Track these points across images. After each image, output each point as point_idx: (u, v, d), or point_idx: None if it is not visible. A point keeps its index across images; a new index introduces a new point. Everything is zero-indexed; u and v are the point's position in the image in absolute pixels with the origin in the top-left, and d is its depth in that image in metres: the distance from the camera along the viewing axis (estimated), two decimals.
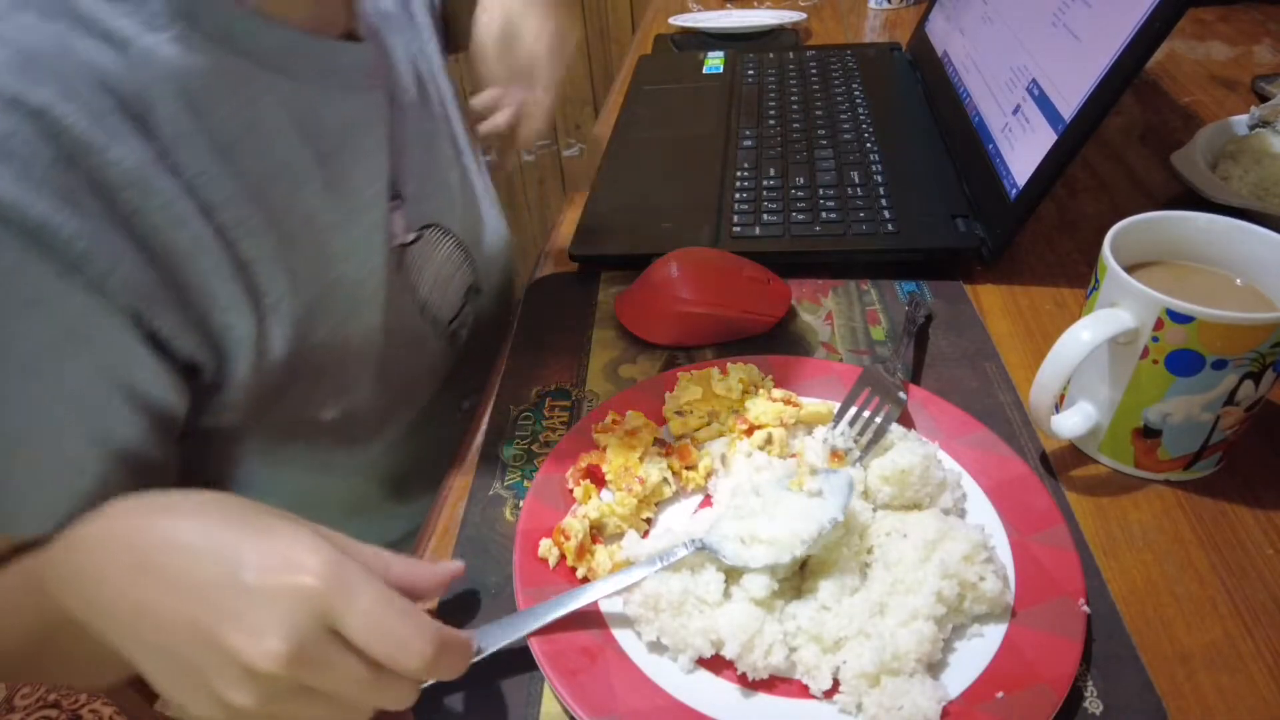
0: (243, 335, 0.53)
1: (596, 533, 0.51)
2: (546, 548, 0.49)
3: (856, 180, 0.82)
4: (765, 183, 0.83)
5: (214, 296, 0.50)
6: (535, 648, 0.44)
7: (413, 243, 0.67)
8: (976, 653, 0.44)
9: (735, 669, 0.43)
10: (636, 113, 1.02)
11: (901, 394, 0.57)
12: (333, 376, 0.61)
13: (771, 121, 0.96)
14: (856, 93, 1.00)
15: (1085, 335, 0.49)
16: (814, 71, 1.07)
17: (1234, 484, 0.53)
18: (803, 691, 0.43)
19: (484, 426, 0.61)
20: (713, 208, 0.80)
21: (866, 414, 0.55)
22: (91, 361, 0.46)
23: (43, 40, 0.43)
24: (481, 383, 0.68)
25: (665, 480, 0.53)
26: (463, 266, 0.74)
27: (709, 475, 0.54)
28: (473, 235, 0.76)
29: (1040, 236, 0.77)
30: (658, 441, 0.56)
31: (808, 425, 0.57)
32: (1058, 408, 0.56)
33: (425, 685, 0.40)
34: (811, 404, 0.58)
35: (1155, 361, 0.49)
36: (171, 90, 0.47)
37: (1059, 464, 0.55)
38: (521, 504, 0.52)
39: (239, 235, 0.51)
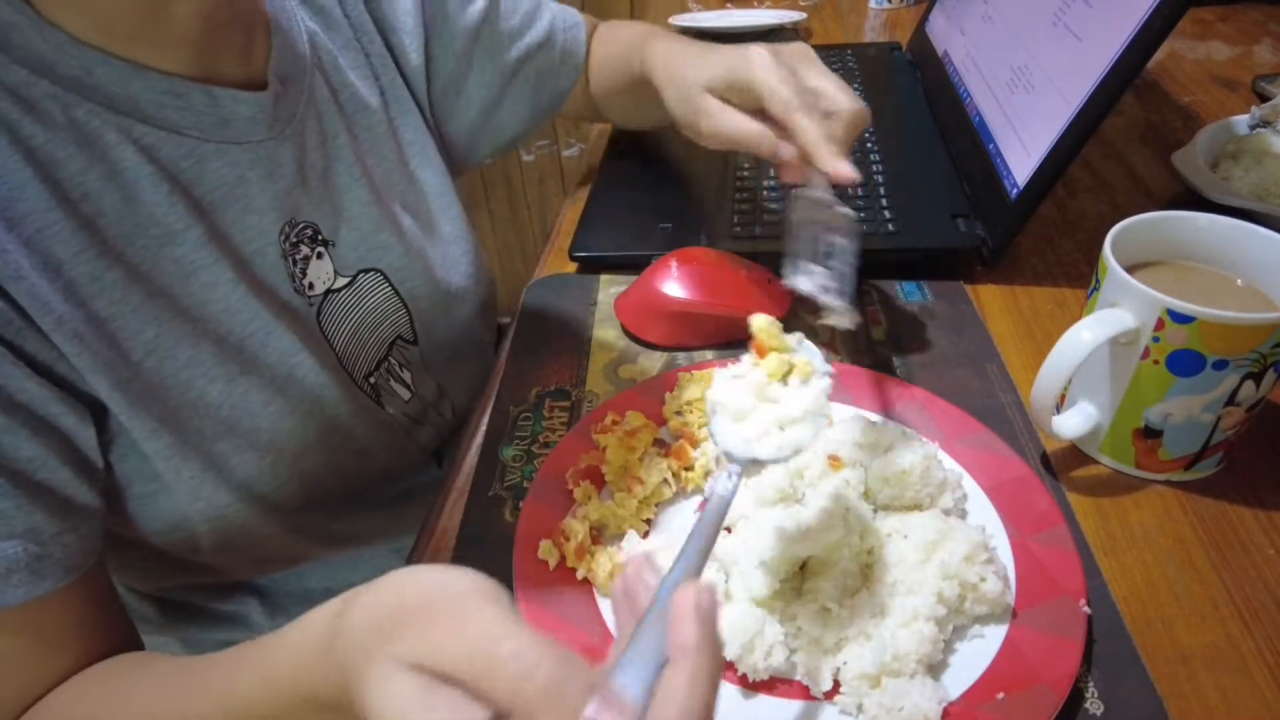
0: (108, 394, 0.50)
1: (596, 534, 0.51)
2: (546, 549, 0.49)
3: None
4: (765, 183, 0.83)
5: (66, 354, 0.48)
6: None
7: (342, 289, 0.64)
8: (977, 653, 0.44)
9: (735, 670, 0.43)
10: None
11: (843, 209, 0.55)
12: (243, 434, 0.57)
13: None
14: (857, 92, 0.99)
15: (1086, 335, 0.49)
16: None
17: (1235, 484, 0.53)
18: (803, 693, 0.43)
19: (483, 427, 0.61)
20: (713, 208, 0.80)
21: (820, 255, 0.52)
22: None
23: None
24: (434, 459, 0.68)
25: (665, 481, 0.53)
26: (393, 316, 0.69)
27: (708, 475, 0.54)
28: (422, 280, 0.70)
29: (1041, 236, 0.77)
30: (657, 442, 0.56)
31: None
32: (1058, 408, 0.55)
33: None
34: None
35: (1156, 362, 0.49)
36: (7, 141, 0.46)
37: (1060, 464, 0.55)
38: (521, 505, 0.52)
39: (93, 292, 0.49)
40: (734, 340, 0.66)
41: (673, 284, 0.66)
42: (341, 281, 0.64)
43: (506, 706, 0.29)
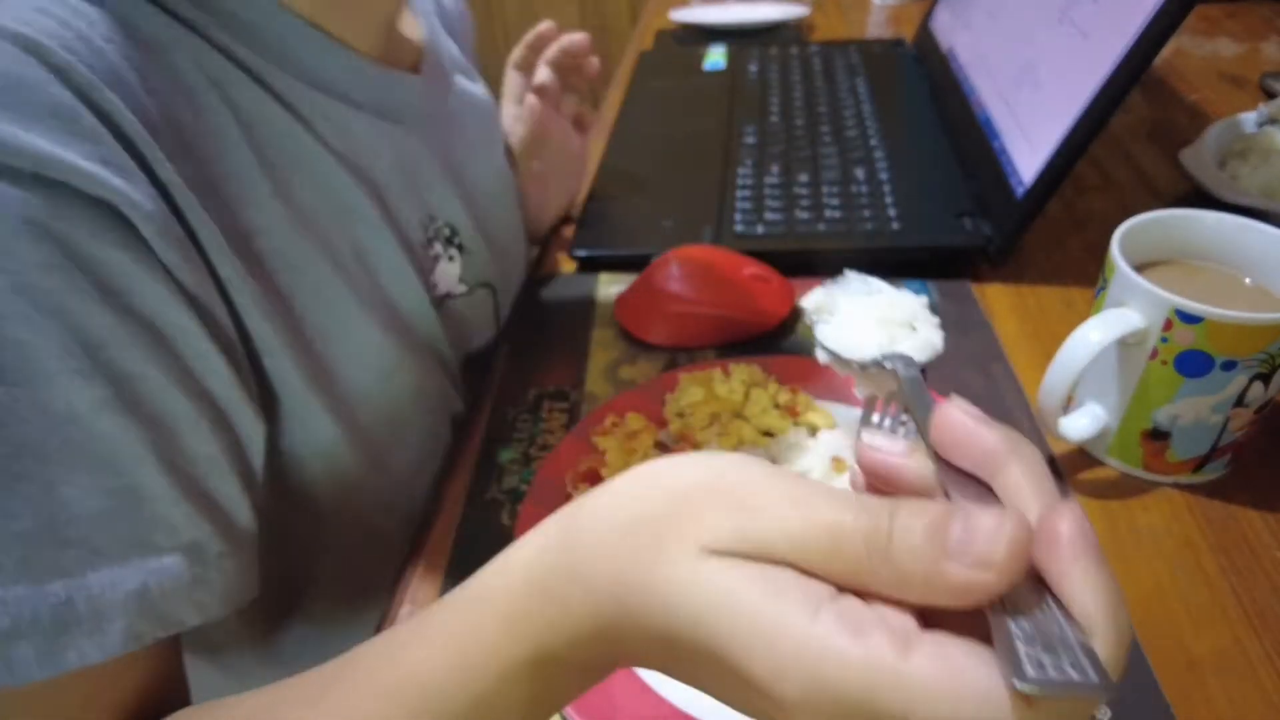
0: (288, 377, 0.47)
1: None
2: None
3: (861, 178, 0.81)
4: (768, 180, 0.82)
5: (253, 333, 0.45)
6: None
7: (460, 296, 0.63)
8: None
9: None
10: (637, 109, 1.02)
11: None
12: (376, 438, 0.54)
13: (774, 118, 0.95)
14: (860, 89, 0.99)
15: (1093, 336, 0.49)
16: (817, 67, 1.06)
17: (1243, 487, 0.53)
18: None
19: (481, 429, 0.60)
20: (714, 206, 0.80)
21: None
22: (170, 365, 0.39)
23: (109, 44, 0.40)
24: None
25: None
26: (488, 328, 0.68)
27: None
28: (510, 302, 0.71)
29: (1048, 235, 0.77)
30: (658, 445, 0.55)
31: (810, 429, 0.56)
32: (1066, 409, 0.55)
33: None
34: (817, 408, 0.57)
35: (1164, 362, 0.49)
36: (217, 97, 0.45)
37: (1067, 466, 0.55)
38: (519, 508, 0.52)
39: (279, 265, 0.47)
40: (736, 340, 0.66)
41: (673, 283, 0.65)
42: (461, 289, 0.63)
43: (861, 583, 0.24)
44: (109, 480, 0.36)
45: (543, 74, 0.73)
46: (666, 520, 0.26)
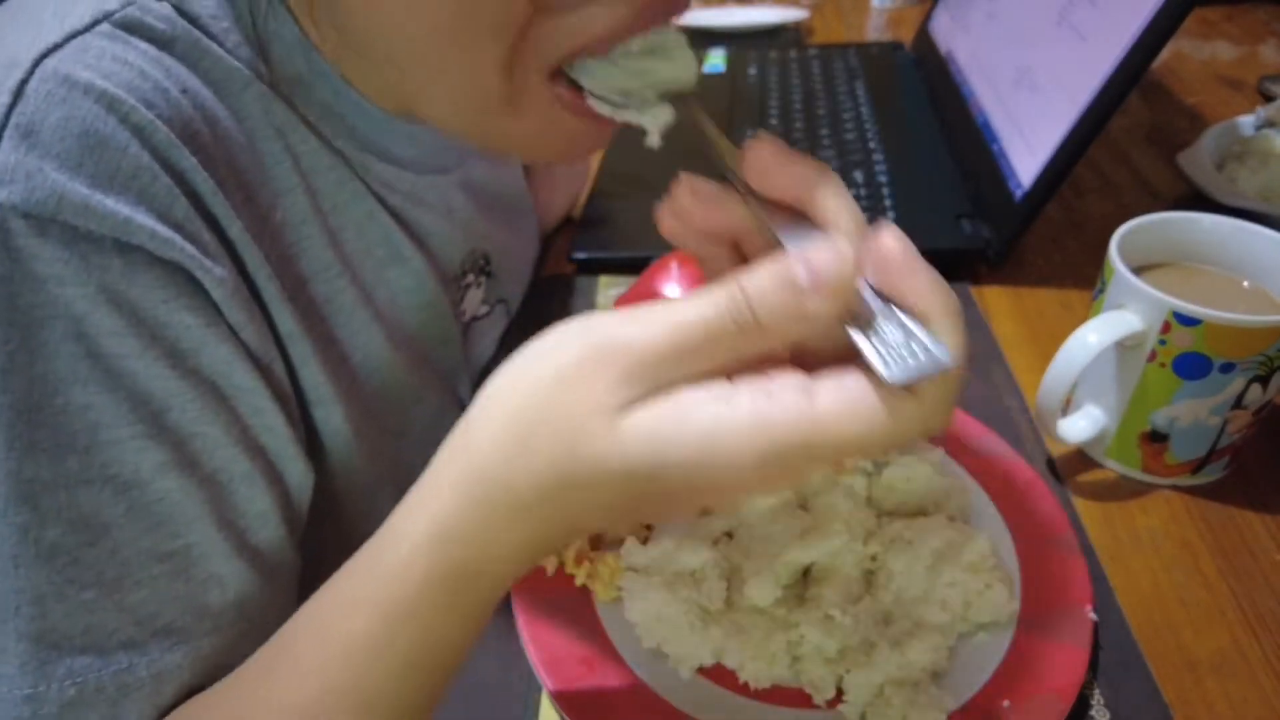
0: (338, 426, 0.47)
1: (595, 540, 0.50)
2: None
3: (860, 180, 0.81)
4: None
5: (309, 387, 0.45)
6: (533, 656, 0.43)
7: (483, 318, 0.63)
8: (982, 661, 0.43)
9: (737, 678, 0.43)
10: None
11: None
12: (405, 470, 0.55)
13: (774, 121, 0.95)
14: (859, 92, 0.99)
15: (1092, 338, 0.49)
16: (817, 70, 1.06)
17: (1241, 489, 0.53)
18: (806, 701, 0.42)
19: None
20: None
21: None
22: (229, 423, 0.39)
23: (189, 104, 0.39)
24: None
25: None
26: (496, 350, 0.68)
27: None
28: (516, 305, 0.71)
29: (1046, 238, 0.77)
30: None
31: None
32: (1064, 411, 0.55)
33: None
34: None
35: (1162, 364, 0.49)
36: (281, 146, 0.44)
37: (1066, 469, 0.55)
38: None
39: (328, 311, 0.46)
40: None
41: (673, 285, 0.65)
42: (483, 310, 0.63)
43: (740, 354, 0.28)
44: (168, 543, 0.37)
45: None
46: (561, 409, 0.28)
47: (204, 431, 0.38)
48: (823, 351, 0.31)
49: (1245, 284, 0.52)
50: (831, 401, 0.27)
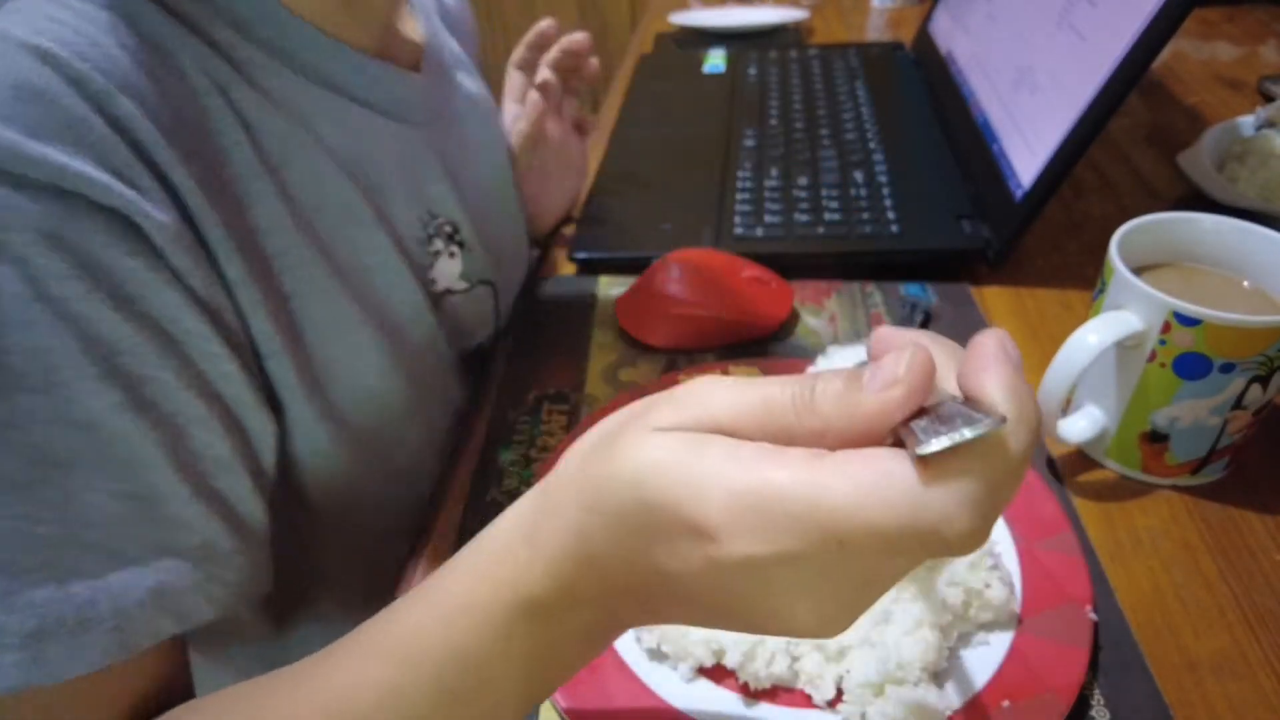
0: (287, 379, 0.47)
1: None
2: None
3: (860, 180, 0.81)
4: (767, 183, 0.82)
5: (256, 336, 0.45)
6: None
7: (460, 293, 0.63)
8: (982, 661, 0.43)
9: (737, 678, 0.43)
10: (636, 112, 1.02)
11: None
12: (371, 437, 0.55)
13: (774, 121, 0.95)
14: (860, 92, 0.99)
15: (1092, 338, 0.49)
16: (817, 70, 1.06)
17: (1241, 489, 0.53)
18: (805, 701, 0.42)
19: (482, 431, 0.60)
20: (714, 208, 0.80)
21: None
22: (181, 367, 0.40)
23: (119, 46, 0.40)
24: None
25: None
26: (487, 325, 0.68)
27: None
28: (511, 299, 0.71)
29: (1046, 238, 0.77)
30: None
31: None
32: (1064, 412, 0.55)
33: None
34: None
35: (1163, 365, 0.49)
36: (222, 102, 0.45)
37: (1066, 469, 0.55)
38: None
39: (281, 266, 0.47)
40: (735, 343, 0.66)
41: (673, 285, 0.65)
42: (461, 285, 0.63)
43: (784, 440, 0.27)
44: (125, 483, 0.37)
45: (544, 74, 0.73)
46: (622, 427, 0.29)
47: (156, 375, 0.39)
48: None
49: (1245, 284, 0.52)
50: (836, 461, 0.25)
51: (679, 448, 0.27)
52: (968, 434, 0.23)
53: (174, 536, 0.39)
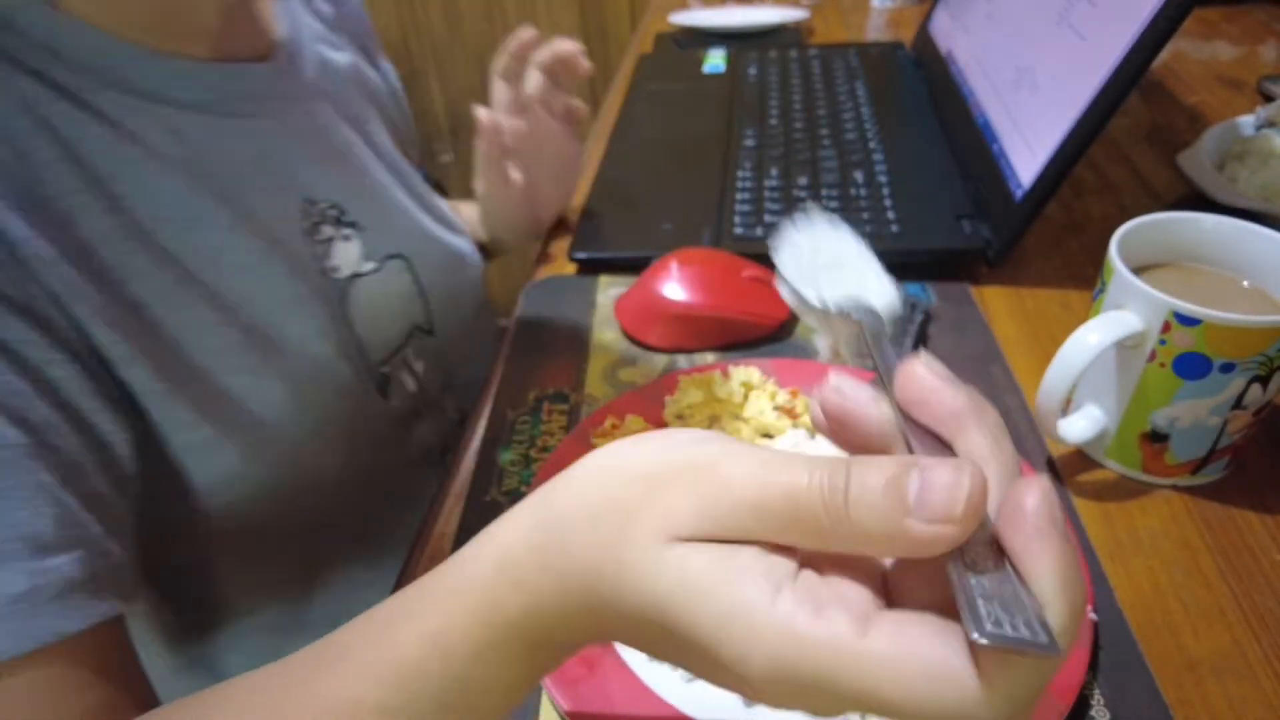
0: (147, 385, 0.49)
1: None
2: None
3: (860, 180, 0.81)
4: (767, 183, 0.82)
5: (102, 344, 0.46)
6: None
7: (368, 274, 0.63)
8: None
9: None
10: (636, 112, 1.02)
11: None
12: (259, 427, 0.55)
13: (773, 121, 0.95)
14: (860, 92, 0.99)
15: (1092, 338, 0.49)
16: (817, 70, 1.06)
17: (1242, 489, 0.53)
18: None
19: (480, 431, 0.60)
20: (714, 208, 0.80)
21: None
22: (20, 372, 0.42)
23: None
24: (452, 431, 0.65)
25: None
26: (414, 302, 0.68)
27: None
28: (439, 270, 0.71)
29: (1046, 238, 0.77)
30: None
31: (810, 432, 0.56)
32: (1064, 412, 0.55)
33: None
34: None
35: (1162, 365, 0.49)
36: (30, 121, 0.45)
37: (1066, 469, 0.55)
38: None
39: (125, 276, 0.48)
40: (735, 342, 0.66)
41: (673, 285, 0.65)
42: (369, 266, 0.63)
43: (816, 543, 0.25)
44: None
45: (534, 79, 0.73)
46: (630, 507, 0.26)
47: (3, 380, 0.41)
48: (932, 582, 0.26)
49: (1245, 284, 0.52)
50: (884, 644, 0.23)
51: (708, 577, 0.25)
52: (1031, 647, 0.22)
53: (42, 535, 0.40)
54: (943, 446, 0.28)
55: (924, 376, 0.28)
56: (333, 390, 0.60)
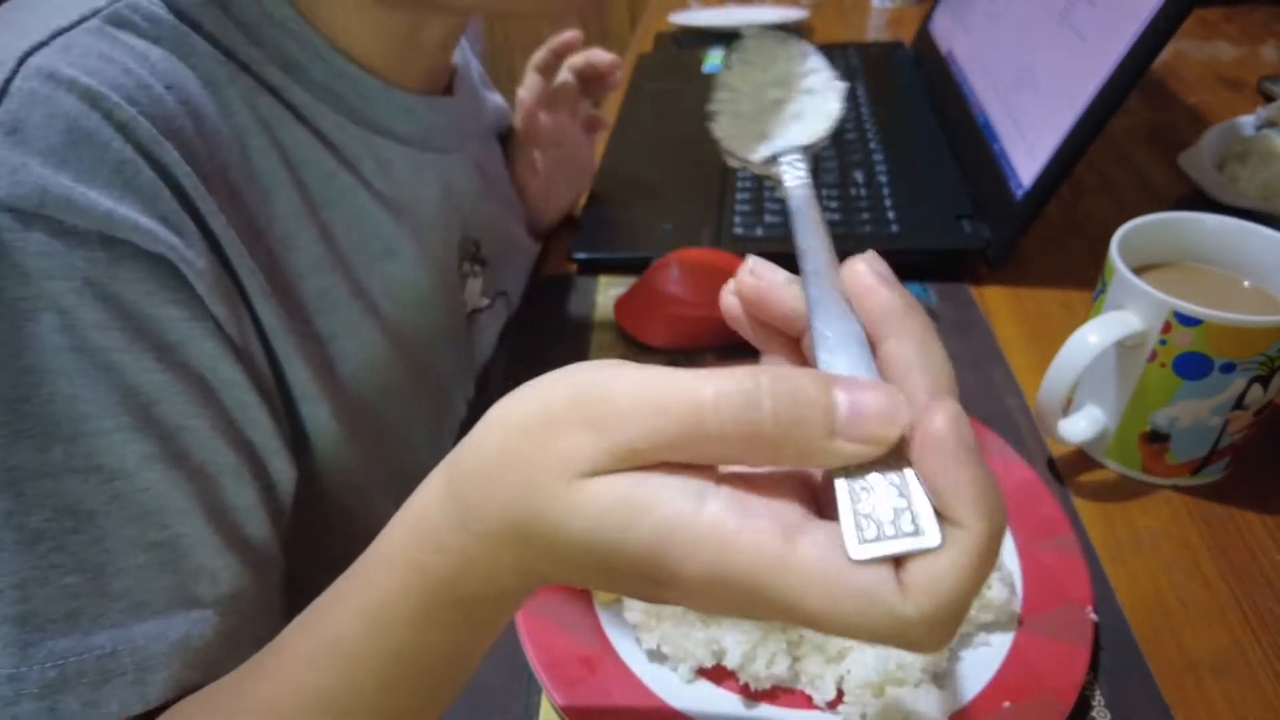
0: (324, 421, 0.47)
1: None
2: None
3: (860, 180, 0.81)
4: (767, 183, 0.82)
5: (294, 383, 0.45)
6: (533, 657, 0.43)
7: (485, 309, 0.64)
8: (983, 662, 0.43)
9: (737, 679, 0.43)
10: (636, 112, 1.02)
11: None
12: (401, 478, 0.55)
13: None
14: (860, 92, 0.99)
15: (1093, 338, 0.49)
16: None
17: (1242, 489, 0.53)
18: (806, 702, 0.42)
19: None
20: (714, 208, 0.80)
21: None
22: (216, 417, 0.40)
23: (166, 88, 0.40)
24: None
25: None
26: (497, 337, 0.69)
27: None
28: (515, 300, 0.73)
29: (1047, 238, 0.77)
30: None
31: None
32: (1065, 412, 0.55)
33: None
34: None
35: (1163, 365, 0.49)
36: (266, 141, 0.44)
37: (1066, 469, 0.55)
38: None
39: (319, 308, 0.47)
40: (735, 342, 0.66)
41: (673, 285, 0.65)
42: (484, 302, 0.64)
43: (735, 458, 0.24)
44: (155, 533, 0.37)
45: (564, 75, 0.74)
46: (529, 454, 0.25)
47: (191, 425, 0.38)
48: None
49: (1245, 284, 0.52)
50: (806, 558, 0.23)
51: (624, 509, 0.24)
52: (914, 548, 0.22)
53: (201, 587, 0.38)
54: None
55: (861, 273, 0.28)
56: (453, 418, 0.61)
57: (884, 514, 0.23)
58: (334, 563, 0.33)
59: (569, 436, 0.25)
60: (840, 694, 0.42)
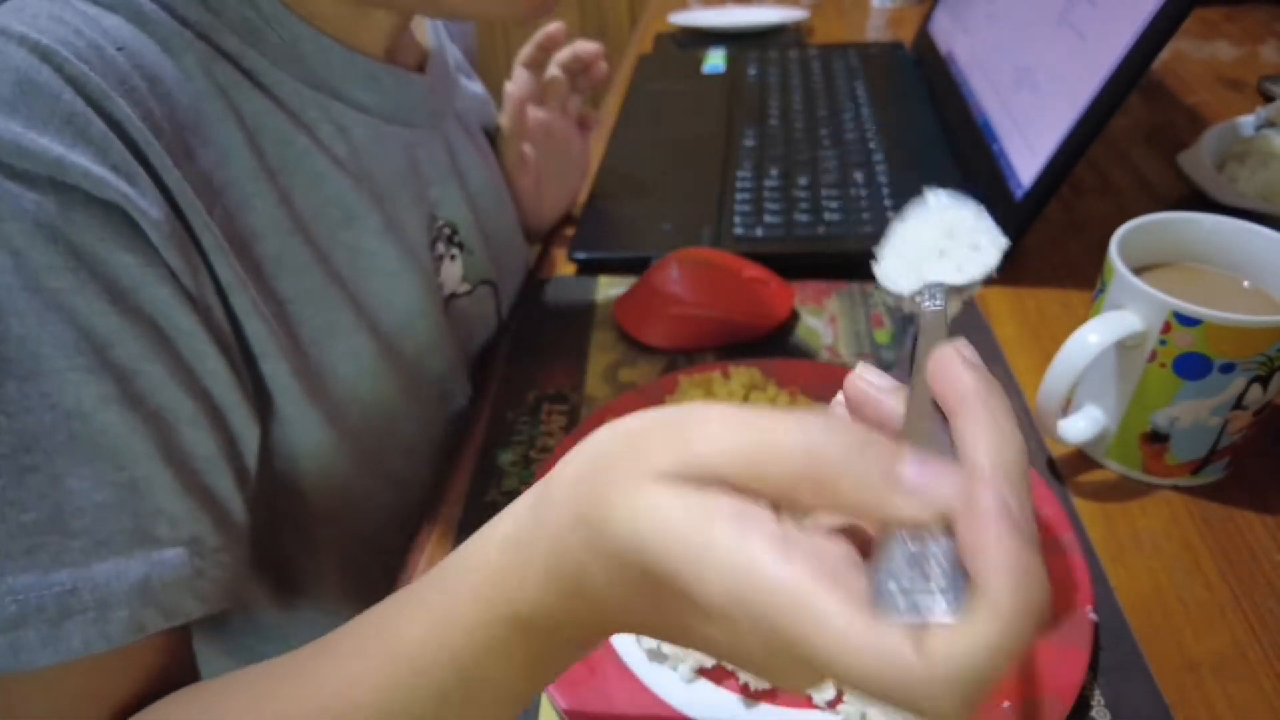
0: (284, 380, 0.47)
1: None
2: None
3: (860, 180, 0.81)
4: (767, 183, 0.82)
5: (249, 336, 0.45)
6: None
7: (464, 295, 0.64)
8: None
9: (737, 679, 0.43)
10: (636, 112, 1.02)
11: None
12: (371, 436, 0.55)
13: (773, 121, 0.95)
14: (859, 92, 0.99)
15: (1092, 338, 0.49)
16: (817, 70, 1.06)
17: (1242, 489, 0.53)
18: (806, 702, 0.42)
19: (481, 432, 0.60)
20: (714, 208, 0.80)
21: None
22: (172, 363, 0.40)
23: (117, 40, 0.41)
24: None
25: None
26: (491, 326, 0.69)
27: None
28: (513, 297, 0.73)
29: (1046, 238, 0.77)
30: None
31: None
32: (1064, 412, 0.55)
33: None
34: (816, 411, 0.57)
35: (1163, 365, 0.49)
36: (223, 105, 0.45)
37: (1066, 469, 0.55)
38: None
39: (278, 270, 0.47)
40: (735, 343, 0.66)
41: (673, 285, 0.65)
42: (464, 288, 0.64)
43: (792, 495, 0.25)
44: (113, 473, 0.37)
45: (552, 71, 0.74)
46: (617, 459, 0.27)
47: (147, 370, 0.39)
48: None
49: (1245, 284, 0.52)
50: (831, 598, 0.23)
51: (682, 516, 0.25)
52: (917, 618, 0.23)
53: (161, 529, 0.39)
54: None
55: (948, 357, 0.29)
56: (432, 405, 0.61)
57: (917, 578, 0.23)
58: (305, 514, 0.33)
59: (657, 445, 0.26)
60: (840, 694, 0.42)
